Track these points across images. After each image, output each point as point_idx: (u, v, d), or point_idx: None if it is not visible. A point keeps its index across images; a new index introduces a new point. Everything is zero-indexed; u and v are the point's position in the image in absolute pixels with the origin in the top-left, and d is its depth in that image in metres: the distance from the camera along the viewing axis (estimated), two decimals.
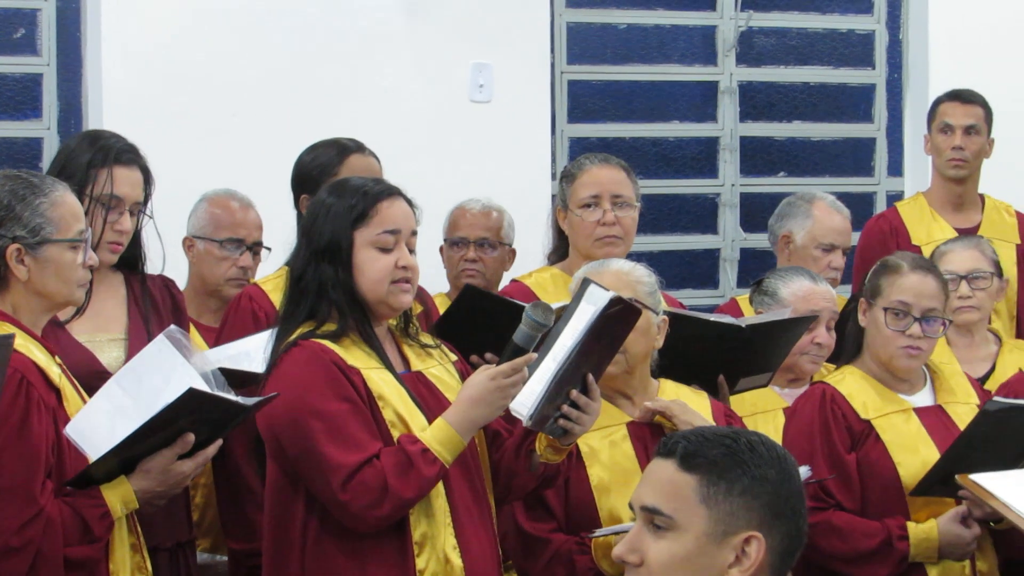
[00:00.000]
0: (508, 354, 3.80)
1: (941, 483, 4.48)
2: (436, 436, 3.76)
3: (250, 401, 3.67)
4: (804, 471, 4.31)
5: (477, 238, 5.88)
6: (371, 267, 3.84)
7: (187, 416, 3.59)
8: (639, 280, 4.35)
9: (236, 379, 4.09)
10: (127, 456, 3.60)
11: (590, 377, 3.92)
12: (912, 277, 4.66)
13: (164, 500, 3.75)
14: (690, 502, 2.69)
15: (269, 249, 5.45)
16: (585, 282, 3.95)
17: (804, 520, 2.75)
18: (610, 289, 3.97)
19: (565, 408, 3.88)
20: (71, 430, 3.58)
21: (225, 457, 4.33)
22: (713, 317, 4.76)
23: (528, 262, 5.62)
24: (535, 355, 3.80)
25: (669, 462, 2.73)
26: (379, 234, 3.85)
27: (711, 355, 4.59)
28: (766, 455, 2.72)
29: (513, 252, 5.97)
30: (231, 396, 3.65)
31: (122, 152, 4.34)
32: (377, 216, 3.86)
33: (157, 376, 3.66)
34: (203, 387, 3.61)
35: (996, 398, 4.59)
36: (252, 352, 4.22)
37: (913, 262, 4.75)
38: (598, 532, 4.09)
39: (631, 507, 2.78)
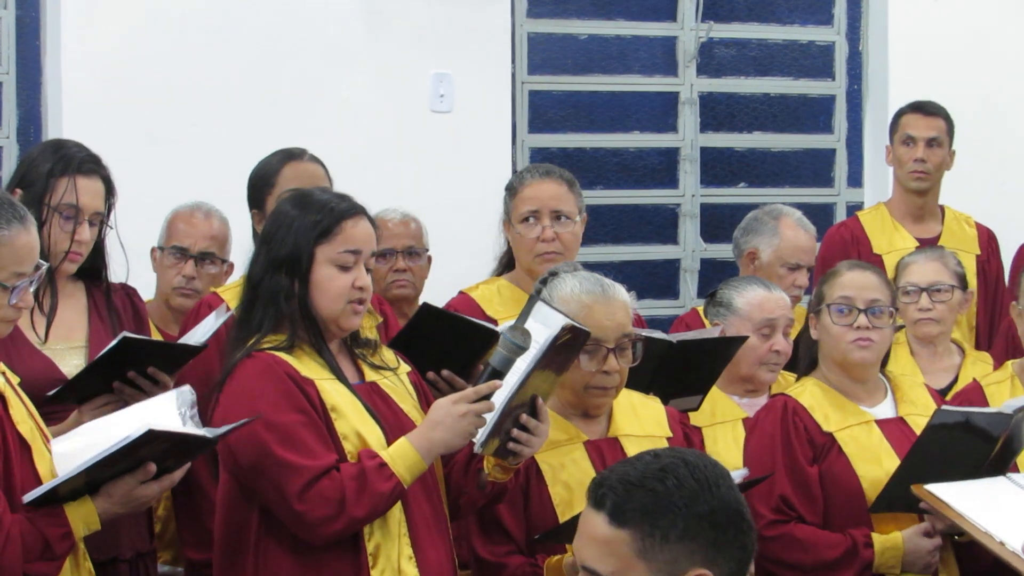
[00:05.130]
0: (484, 377, 3.77)
1: (900, 498, 4.45)
2: (395, 453, 3.74)
3: (213, 433, 3.65)
4: (740, 473, 4.31)
5: (405, 247, 5.73)
6: (329, 285, 3.82)
7: (148, 449, 3.56)
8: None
9: (176, 353, 4.14)
10: (92, 479, 3.58)
11: (539, 400, 3.89)
12: (850, 274, 4.71)
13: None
14: (627, 559, 2.56)
15: (224, 261, 5.45)
16: (532, 299, 3.92)
17: (749, 535, 2.63)
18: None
19: (515, 432, 3.86)
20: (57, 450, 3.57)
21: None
22: (645, 332, 4.69)
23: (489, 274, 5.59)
24: (501, 383, 3.76)
25: (600, 516, 2.60)
26: (341, 252, 3.83)
27: (642, 370, 4.45)
28: (695, 488, 2.57)
29: (430, 259, 5.86)
30: (195, 431, 3.63)
31: (84, 162, 4.32)
32: (341, 234, 3.83)
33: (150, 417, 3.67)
34: (166, 427, 3.59)
35: (945, 407, 4.60)
36: (197, 332, 4.24)
37: (851, 263, 4.84)
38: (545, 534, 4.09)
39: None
